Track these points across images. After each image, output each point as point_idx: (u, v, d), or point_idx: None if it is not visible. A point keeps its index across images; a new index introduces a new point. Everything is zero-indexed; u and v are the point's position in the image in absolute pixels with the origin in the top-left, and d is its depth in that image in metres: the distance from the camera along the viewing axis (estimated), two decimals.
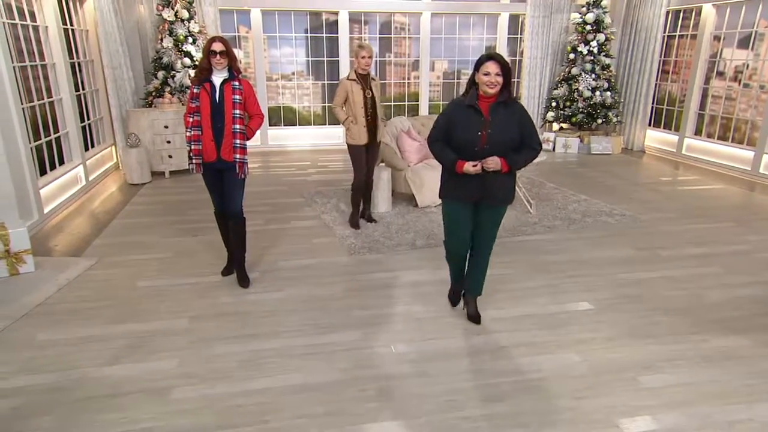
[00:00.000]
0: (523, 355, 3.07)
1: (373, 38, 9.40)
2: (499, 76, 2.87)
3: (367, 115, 4.79)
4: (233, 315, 3.53)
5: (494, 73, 2.86)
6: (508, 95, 2.95)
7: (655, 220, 5.45)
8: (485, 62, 2.89)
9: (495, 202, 3.11)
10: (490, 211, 3.15)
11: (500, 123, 2.94)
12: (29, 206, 5.01)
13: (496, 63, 2.87)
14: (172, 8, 7.54)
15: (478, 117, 2.95)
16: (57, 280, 3.92)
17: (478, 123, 2.95)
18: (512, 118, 2.96)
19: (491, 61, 2.88)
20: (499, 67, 2.87)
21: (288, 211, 5.76)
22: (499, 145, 2.95)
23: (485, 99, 2.95)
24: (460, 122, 2.99)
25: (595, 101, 8.82)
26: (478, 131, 2.94)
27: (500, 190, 3.07)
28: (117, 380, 2.81)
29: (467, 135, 2.96)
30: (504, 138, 2.95)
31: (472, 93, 2.98)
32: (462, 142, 2.99)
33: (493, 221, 3.19)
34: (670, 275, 4.16)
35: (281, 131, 9.32)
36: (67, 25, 6.45)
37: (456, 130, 3.00)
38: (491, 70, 2.86)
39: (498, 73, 2.86)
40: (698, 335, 3.28)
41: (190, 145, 3.74)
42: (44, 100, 5.74)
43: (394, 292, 3.86)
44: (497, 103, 2.94)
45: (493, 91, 2.89)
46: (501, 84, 2.89)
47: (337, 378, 2.86)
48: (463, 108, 3.00)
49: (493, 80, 2.86)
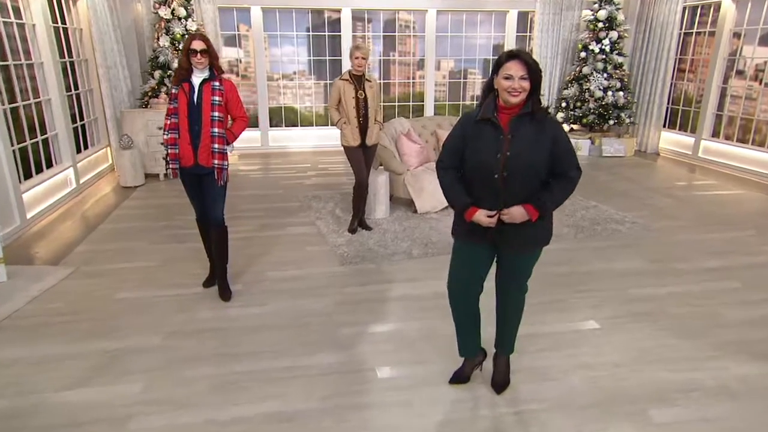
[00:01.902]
0: (522, 382, 2.79)
1: (377, 36, 9.14)
2: (524, 80, 2.19)
3: (359, 116, 4.58)
4: (210, 332, 3.29)
5: (518, 77, 2.18)
6: (537, 105, 2.26)
7: (669, 229, 5.13)
8: (506, 62, 2.20)
9: (524, 250, 2.46)
10: (517, 259, 2.50)
11: (525, 142, 2.24)
12: (10, 211, 4.82)
13: (521, 63, 2.18)
14: (168, 6, 7.34)
15: (496, 134, 2.26)
16: (29, 292, 3.71)
17: (497, 142, 2.26)
18: (541, 135, 2.26)
19: (514, 61, 2.19)
20: (525, 68, 2.18)
21: (282, 217, 5.52)
22: (522, 172, 2.26)
23: (506, 110, 2.28)
24: (474, 141, 2.32)
25: (607, 101, 8.48)
26: (498, 153, 2.25)
27: (529, 236, 2.38)
28: (76, 407, 2.58)
29: (483, 158, 2.28)
30: (529, 162, 2.25)
31: (489, 102, 2.29)
32: (476, 167, 2.32)
33: (523, 269, 2.54)
34: (684, 290, 3.85)
35: (282, 132, 9.09)
36: (58, 23, 6.27)
37: (468, 153, 2.34)
38: (514, 72, 2.18)
39: (524, 76, 2.18)
40: (716, 361, 2.98)
41: (167, 149, 3.52)
42: (30, 100, 5.55)
43: (386, 307, 3.59)
44: (521, 116, 2.26)
45: (516, 99, 2.21)
46: (527, 91, 2.22)
47: (316, 406, 2.61)
48: (476, 123, 2.32)
49: (517, 86, 2.19)
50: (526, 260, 2.52)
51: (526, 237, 2.38)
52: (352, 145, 4.69)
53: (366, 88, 4.58)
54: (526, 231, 2.34)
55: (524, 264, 2.53)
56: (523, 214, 2.29)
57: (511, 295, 2.63)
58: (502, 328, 2.73)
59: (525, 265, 2.53)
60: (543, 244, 2.47)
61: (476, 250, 2.47)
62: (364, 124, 4.63)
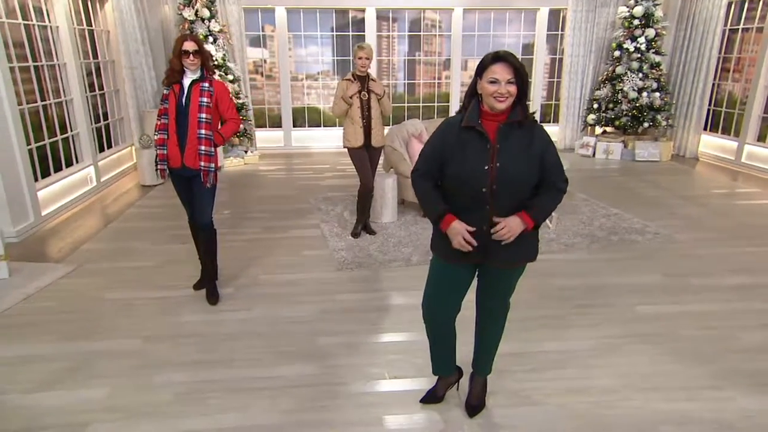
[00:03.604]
0: (498, 406, 2.60)
1: (402, 36, 8.99)
2: (511, 84, 1.99)
3: (363, 116, 4.48)
4: (190, 337, 3.24)
5: (505, 81, 1.98)
6: (524, 112, 2.09)
7: (695, 241, 4.76)
8: (491, 65, 2.01)
9: (507, 265, 2.25)
10: (501, 274, 2.30)
11: (514, 152, 2.06)
12: (24, 208, 4.96)
13: (508, 66, 1.99)
14: (192, 7, 7.43)
15: (482, 143, 2.06)
16: (25, 289, 3.78)
17: (483, 152, 2.06)
18: (530, 145, 2.08)
19: (500, 64, 1.99)
20: (511, 71, 1.99)
21: (289, 219, 5.46)
22: (513, 185, 2.07)
23: (491, 117, 2.08)
24: (457, 151, 2.10)
25: (642, 103, 8.04)
26: (485, 164, 2.06)
27: (515, 250, 2.17)
28: (37, 411, 2.57)
29: (469, 169, 2.07)
30: (519, 174, 2.07)
31: (472, 108, 2.10)
32: (461, 179, 2.10)
33: (506, 285, 2.36)
34: (700, 310, 3.54)
35: (305, 132, 9.07)
36: (84, 25, 6.44)
37: (452, 165, 2.12)
38: (500, 76, 1.98)
39: (510, 80, 1.99)
40: (720, 391, 2.69)
41: (157, 150, 3.51)
42: (51, 100, 5.70)
43: (371, 317, 3.46)
44: (508, 124, 2.07)
45: (503, 106, 2.02)
46: (514, 96, 2.03)
47: (275, 421, 2.51)
48: (459, 131, 2.11)
49: (504, 91, 1.99)
50: (509, 276, 2.32)
51: (514, 251, 2.18)
52: (354, 146, 4.61)
53: (371, 88, 4.46)
54: (514, 244, 2.14)
55: (507, 280, 2.34)
56: (519, 223, 2.09)
57: (493, 313, 2.45)
58: (480, 347, 2.55)
59: (508, 281, 2.34)
60: (529, 259, 2.28)
61: (457, 270, 2.28)
62: (368, 124, 4.53)
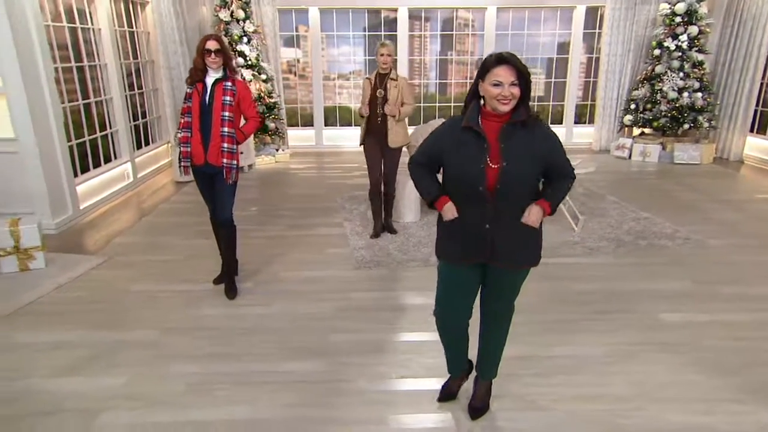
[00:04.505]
0: (503, 409, 2.57)
1: (434, 35, 8.96)
2: (515, 86, 2.01)
3: (377, 115, 4.47)
4: (207, 330, 3.34)
5: (508, 84, 2.00)
6: (527, 112, 2.10)
7: (728, 247, 4.56)
8: (494, 67, 2.03)
9: (512, 266, 2.27)
10: (506, 277, 2.31)
11: (517, 152, 2.08)
12: (64, 202, 5.20)
13: (511, 68, 2.01)
14: (228, 8, 7.62)
15: (479, 144, 2.10)
16: (58, 279, 3.96)
17: (480, 152, 2.09)
18: (534, 145, 2.11)
19: (504, 66, 2.01)
20: (515, 73, 2.01)
21: (313, 217, 5.54)
22: (518, 184, 2.11)
23: (493, 118, 2.11)
24: (455, 150, 2.14)
25: (682, 103, 7.74)
26: (481, 163, 2.09)
27: (520, 251, 2.22)
28: (58, 395, 2.69)
29: (465, 169, 2.11)
30: (522, 174, 2.10)
31: (472, 109, 2.14)
32: (458, 178, 2.15)
33: (510, 288, 2.36)
34: (728, 319, 3.40)
35: (337, 132, 9.16)
36: (125, 27, 6.70)
37: (448, 163, 2.18)
38: (504, 78, 2.00)
39: (514, 82, 2.01)
40: (741, 405, 2.58)
41: (180, 147, 3.62)
42: (92, 99, 5.96)
43: (384, 316, 3.47)
44: (511, 124, 2.09)
45: (506, 108, 2.05)
46: (518, 98, 2.05)
47: (281, 415, 2.55)
48: (458, 130, 2.15)
49: (507, 93, 2.02)
50: (514, 278, 2.33)
51: (518, 252, 2.23)
52: (365, 144, 4.67)
53: (388, 87, 4.47)
54: (518, 241, 2.20)
55: (512, 282, 2.35)
56: (539, 210, 2.17)
57: (497, 316, 2.45)
58: (484, 351, 2.54)
59: (512, 283, 2.35)
60: (532, 262, 2.29)
61: (465, 274, 2.32)
62: (382, 123, 4.53)
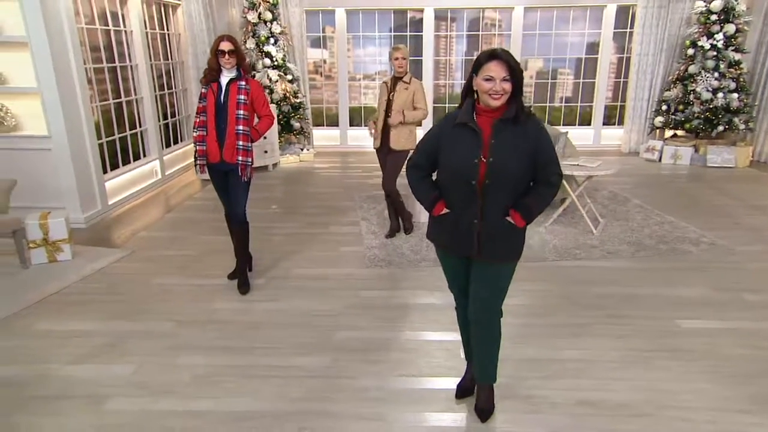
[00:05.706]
0: (503, 411, 2.55)
1: (460, 36, 8.91)
2: (506, 81, 2.07)
3: (385, 118, 4.55)
4: (217, 323, 3.42)
5: (500, 79, 2.07)
6: (519, 109, 2.15)
7: (755, 254, 4.38)
8: (486, 63, 2.10)
9: (491, 259, 2.29)
10: (487, 271, 2.32)
11: (507, 148, 2.14)
12: (93, 197, 5.40)
13: (503, 64, 2.07)
14: (256, 10, 7.76)
15: (474, 139, 2.15)
16: (82, 270, 4.12)
17: (475, 147, 2.15)
18: (524, 141, 2.15)
19: (495, 61, 2.08)
20: (507, 69, 2.07)
21: (331, 215, 5.59)
22: (504, 180, 2.16)
23: (486, 113, 2.17)
24: (450, 145, 2.22)
25: (716, 104, 7.48)
26: (475, 158, 2.15)
27: (501, 245, 2.26)
28: (70, 381, 2.81)
29: (459, 163, 2.18)
30: (512, 168, 2.15)
31: (467, 105, 2.20)
32: (451, 172, 2.23)
33: (493, 284, 2.34)
34: (749, 327, 3.27)
35: (361, 131, 9.20)
36: (156, 29, 6.91)
37: (444, 156, 2.25)
38: (495, 74, 2.07)
39: (506, 77, 2.07)
40: (750, 416, 2.49)
41: (196, 146, 3.71)
42: (122, 98, 6.18)
43: (392, 314, 3.48)
44: (503, 120, 2.14)
45: (498, 103, 2.11)
46: (509, 93, 2.11)
47: (281, 408, 2.59)
48: (453, 127, 2.23)
49: (499, 88, 2.08)
50: (498, 269, 2.32)
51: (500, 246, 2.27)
52: (374, 147, 4.73)
53: (398, 90, 4.46)
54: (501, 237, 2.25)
55: (496, 272, 2.32)
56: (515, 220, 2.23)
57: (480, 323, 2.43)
58: (478, 355, 2.52)
59: (497, 273, 2.33)
60: (514, 256, 2.32)
61: (451, 260, 2.45)
62: (385, 126, 4.56)
